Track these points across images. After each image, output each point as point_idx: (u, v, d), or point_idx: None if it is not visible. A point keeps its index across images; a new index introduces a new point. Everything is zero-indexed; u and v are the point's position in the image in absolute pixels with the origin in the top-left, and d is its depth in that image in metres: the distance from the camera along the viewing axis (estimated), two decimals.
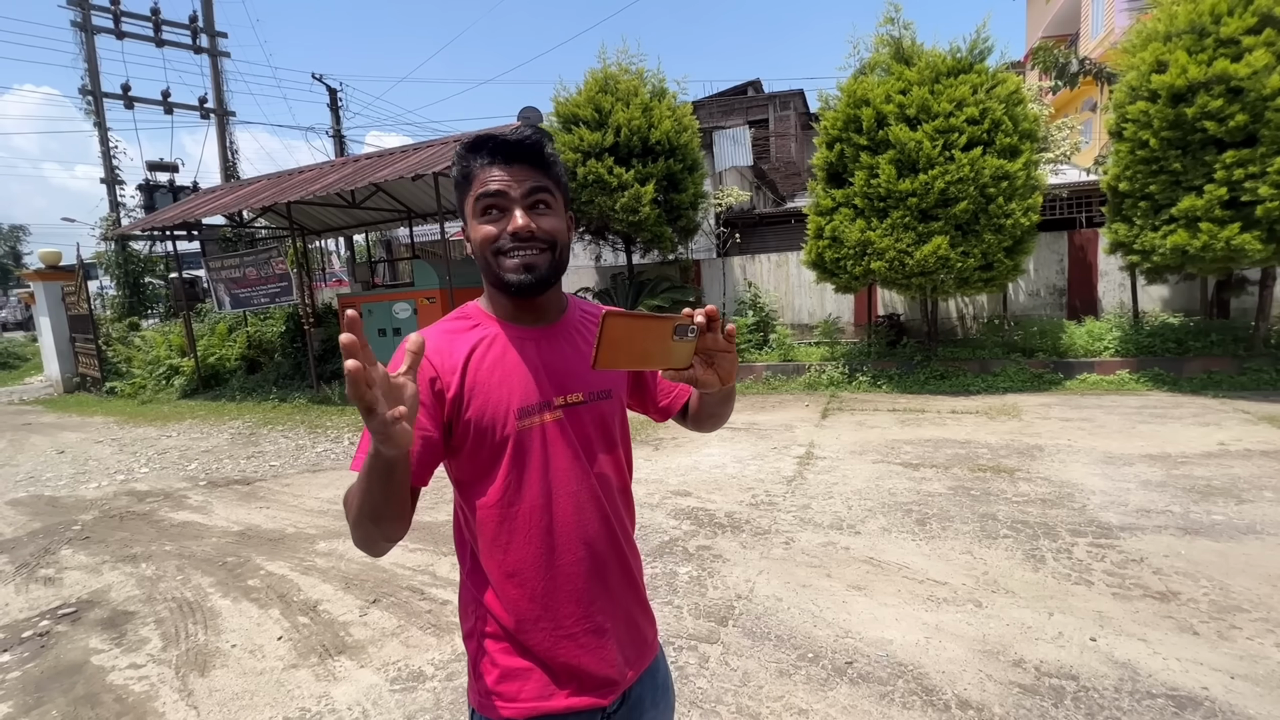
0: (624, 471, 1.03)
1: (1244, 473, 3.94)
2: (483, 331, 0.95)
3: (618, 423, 1.01)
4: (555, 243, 0.92)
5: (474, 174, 0.91)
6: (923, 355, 7.69)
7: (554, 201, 0.92)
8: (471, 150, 0.92)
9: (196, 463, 6.01)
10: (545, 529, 0.92)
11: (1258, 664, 2.15)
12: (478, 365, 0.91)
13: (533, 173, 0.90)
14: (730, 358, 0.81)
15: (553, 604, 0.92)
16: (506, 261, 0.89)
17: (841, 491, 4.07)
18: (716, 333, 0.79)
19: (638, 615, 1.02)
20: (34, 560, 3.82)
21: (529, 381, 0.92)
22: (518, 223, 0.87)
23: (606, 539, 0.96)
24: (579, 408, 0.95)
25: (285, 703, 2.28)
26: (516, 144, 0.89)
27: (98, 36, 14.54)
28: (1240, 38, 5.62)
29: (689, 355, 0.79)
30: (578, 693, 0.93)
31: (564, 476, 0.93)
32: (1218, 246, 5.69)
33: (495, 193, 0.88)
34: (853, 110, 7.07)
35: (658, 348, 0.75)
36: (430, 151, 8.32)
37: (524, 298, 0.92)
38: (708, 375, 0.81)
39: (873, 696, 2.11)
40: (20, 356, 17.22)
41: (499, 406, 0.90)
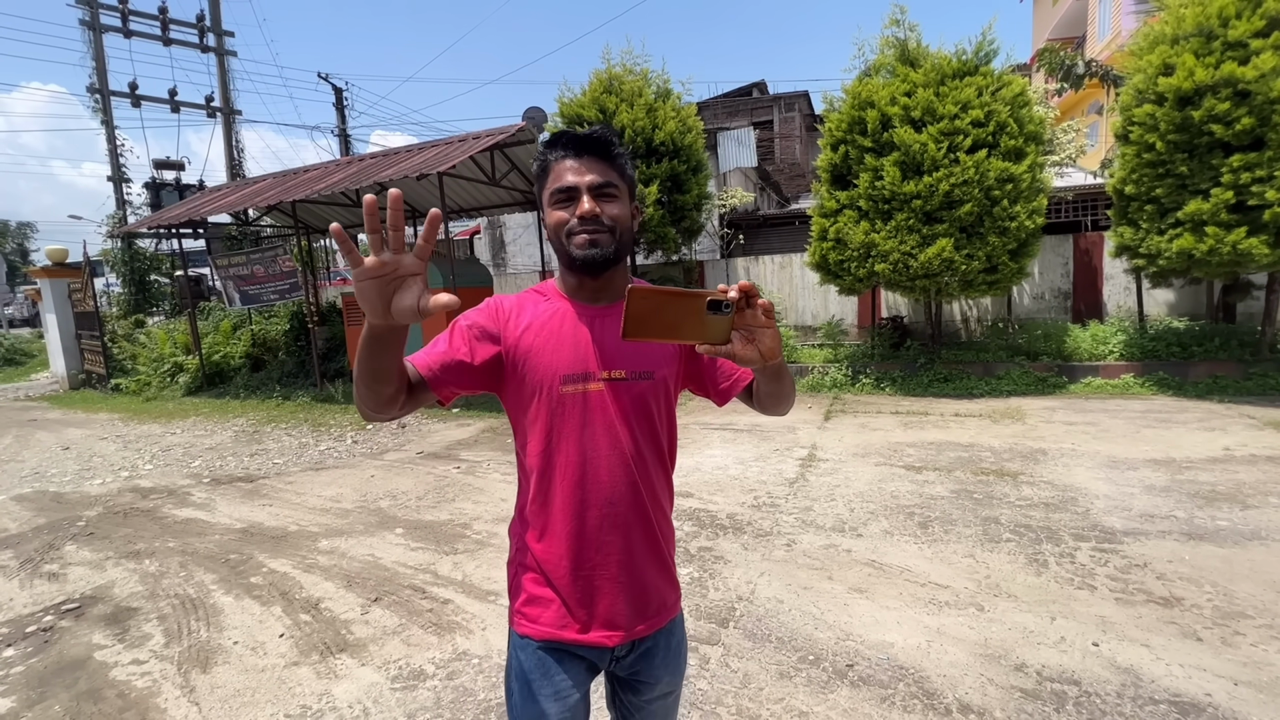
0: (660, 448, 1.10)
1: (1249, 478, 3.92)
2: (551, 304, 1.08)
3: (659, 403, 1.09)
4: (617, 227, 1.02)
5: (550, 166, 1.03)
6: (926, 358, 7.67)
7: (618, 193, 1.03)
8: (549, 145, 1.04)
9: (200, 460, 6.03)
10: (577, 483, 1.03)
11: (1261, 670, 2.14)
12: (539, 329, 1.04)
13: (600, 164, 1.01)
14: (770, 333, 0.83)
15: (578, 549, 1.04)
16: (575, 239, 1.00)
17: (844, 494, 4.06)
18: (755, 308, 0.81)
19: (658, 578, 1.10)
20: (38, 556, 3.84)
21: (578, 352, 1.03)
22: (584, 207, 0.99)
23: (633, 503, 1.05)
24: (619, 383, 1.04)
25: (286, 700, 2.29)
26: (586, 139, 1.02)
27: (106, 35, 14.62)
28: (1248, 40, 5.60)
29: (726, 330, 0.80)
30: (586, 630, 1.05)
31: (598, 441, 1.03)
32: (1224, 250, 5.67)
33: (569, 186, 1.00)
34: (858, 112, 7.06)
35: (688, 322, 0.79)
36: (435, 151, 8.33)
37: (588, 273, 1.03)
38: (748, 350, 0.83)
39: (873, 700, 2.10)
40: (27, 353, 17.31)
41: (548, 369, 1.02)
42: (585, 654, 1.07)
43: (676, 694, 1.19)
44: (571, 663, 1.07)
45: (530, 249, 12.77)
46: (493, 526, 3.85)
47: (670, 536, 1.14)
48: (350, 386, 9.25)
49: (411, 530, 3.88)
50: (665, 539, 1.12)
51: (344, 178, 8.46)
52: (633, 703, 1.16)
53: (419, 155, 8.43)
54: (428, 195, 9.97)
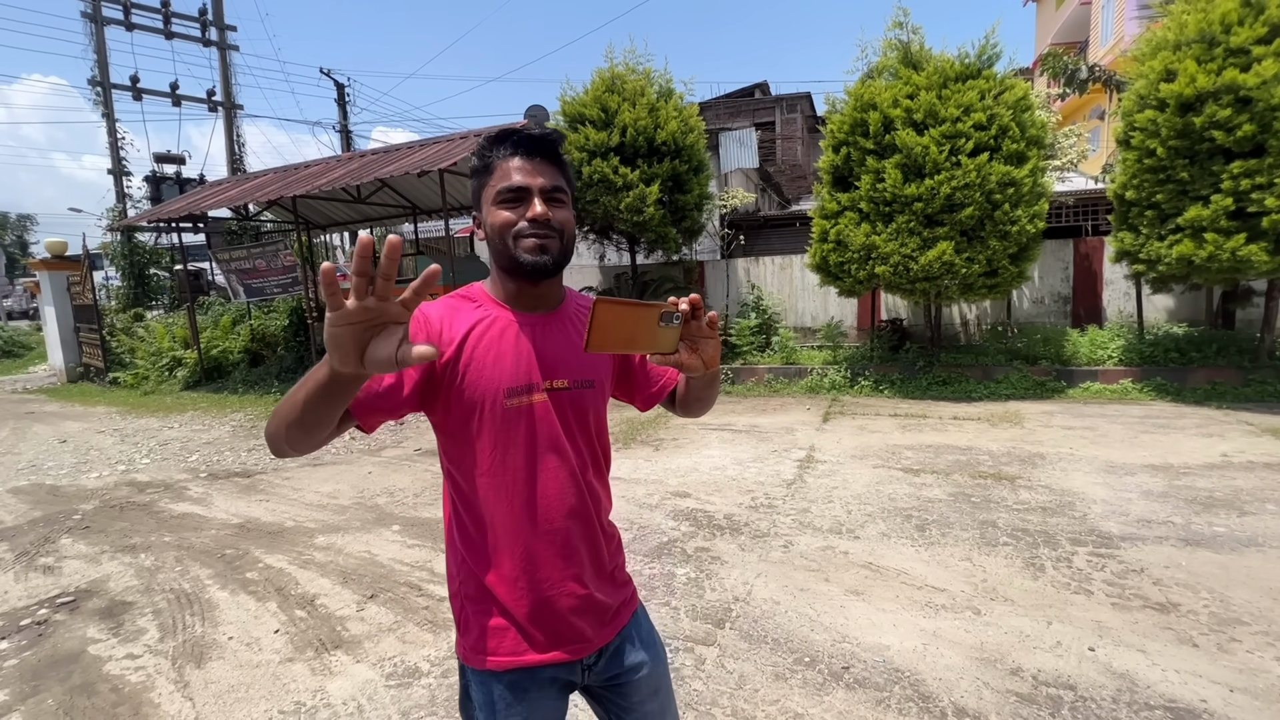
0: (598, 457, 1.09)
1: (1246, 485, 3.92)
2: (484, 312, 1.01)
3: (598, 411, 1.08)
4: (564, 233, 0.99)
5: (495, 164, 0.98)
6: (925, 361, 7.67)
7: (566, 199, 1.01)
8: (496, 141, 0.99)
9: (197, 454, 6.02)
10: (526, 500, 0.99)
11: (1257, 677, 2.14)
12: (476, 342, 0.98)
13: (551, 168, 0.99)
14: (713, 343, 0.89)
15: (530, 568, 0.99)
16: (523, 243, 0.96)
17: (841, 496, 4.06)
18: (700, 319, 0.86)
19: (609, 586, 1.09)
20: (34, 548, 3.83)
21: (520, 364, 0.99)
22: (536, 210, 0.95)
23: (581, 514, 1.03)
24: (563, 393, 1.02)
25: (281, 696, 2.28)
26: (540, 139, 0.98)
27: (107, 28, 14.60)
28: (1250, 47, 5.60)
29: (675, 340, 0.86)
30: (549, 648, 1.01)
31: (545, 454, 1.00)
32: (1223, 257, 5.67)
33: (518, 186, 0.96)
34: (860, 114, 7.06)
35: (645, 333, 0.82)
36: (436, 148, 8.32)
37: (535, 279, 0.99)
38: (692, 359, 0.88)
39: (869, 702, 2.10)
40: (25, 345, 17.28)
41: (490, 384, 0.96)
42: (554, 674, 1.02)
43: (666, 686, 1.15)
44: (541, 688, 1.01)
45: None
46: None
47: (615, 540, 1.13)
48: None
49: (408, 527, 3.88)
50: (612, 546, 1.11)
51: (345, 173, 8.44)
52: (623, 708, 1.10)
53: (421, 152, 8.42)
54: (429, 192, 9.96)
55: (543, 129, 0.99)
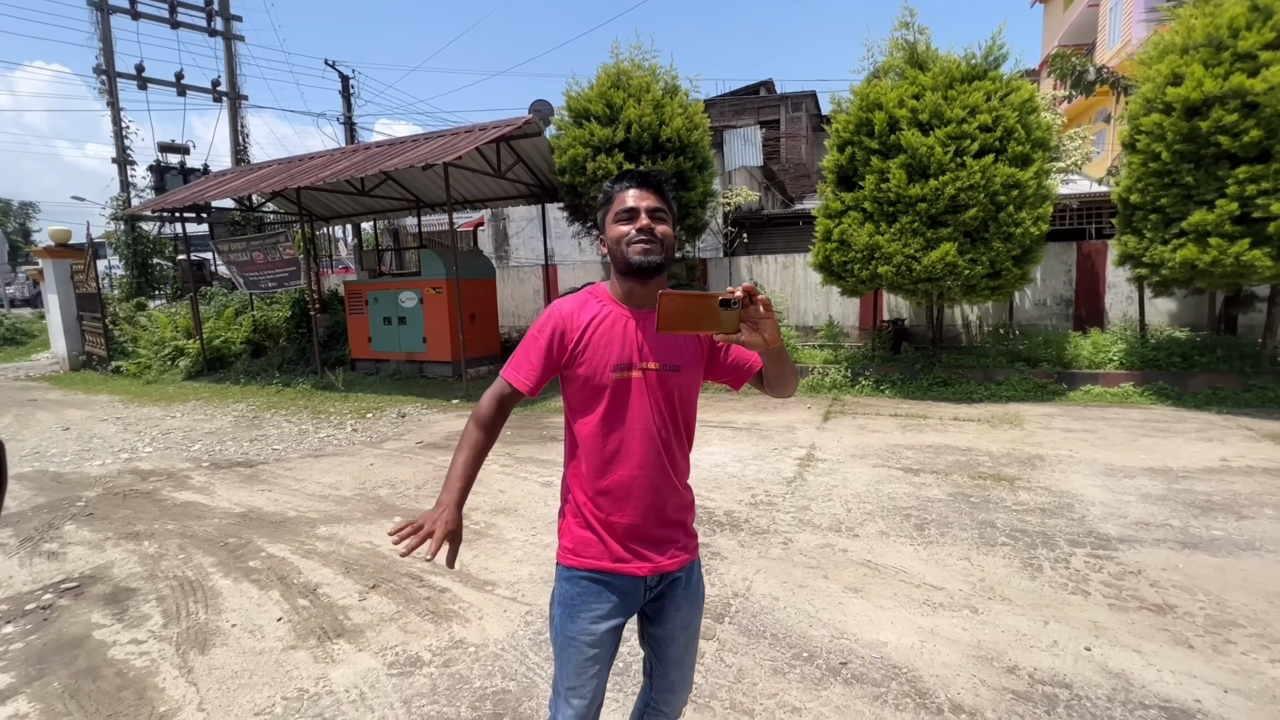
0: (680, 428, 1.35)
1: (1245, 489, 3.94)
2: (603, 307, 1.33)
3: (683, 392, 1.34)
4: (665, 241, 1.28)
5: (614, 195, 1.31)
6: (926, 361, 7.68)
7: (667, 218, 1.31)
8: (616, 181, 1.33)
9: (200, 444, 6.04)
10: (619, 448, 1.30)
11: (1251, 679, 2.16)
12: (594, 329, 1.30)
13: (655, 195, 1.30)
14: (770, 323, 1.10)
15: (617, 500, 1.30)
16: (633, 248, 1.26)
17: (841, 494, 4.08)
18: (756, 304, 1.09)
19: (680, 532, 1.38)
20: (38, 534, 3.86)
21: (625, 347, 1.29)
22: (643, 221, 1.26)
23: (659, 468, 1.32)
24: (653, 373, 1.30)
25: (283, 683, 2.31)
26: (648, 175, 1.31)
27: (113, 16, 14.58)
28: (1258, 52, 5.58)
29: (735, 322, 1.07)
30: (622, 561, 1.31)
31: (640, 418, 1.30)
32: (1227, 262, 5.67)
33: (630, 208, 1.28)
34: (865, 114, 7.04)
35: (708, 316, 1.05)
36: (441, 141, 8.32)
37: (641, 277, 1.28)
38: (754, 336, 1.11)
39: (866, 698, 2.12)
40: (28, 333, 17.30)
41: (602, 361, 1.29)
42: (622, 584, 1.31)
43: (696, 627, 1.45)
44: (609, 593, 1.31)
45: (533, 242, 12.75)
46: (490, 517, 3.87)
47: (688, 498, 1.39)
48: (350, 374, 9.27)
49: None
50: (684, 499, 1.38)
51: (349, 165, 8.44)
52: (659, 635, 1.40)
53: (425, 145, 8.41)
54: (433, 185, 9.95)
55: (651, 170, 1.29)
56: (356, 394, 8.20)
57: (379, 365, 9.53)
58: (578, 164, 8.18)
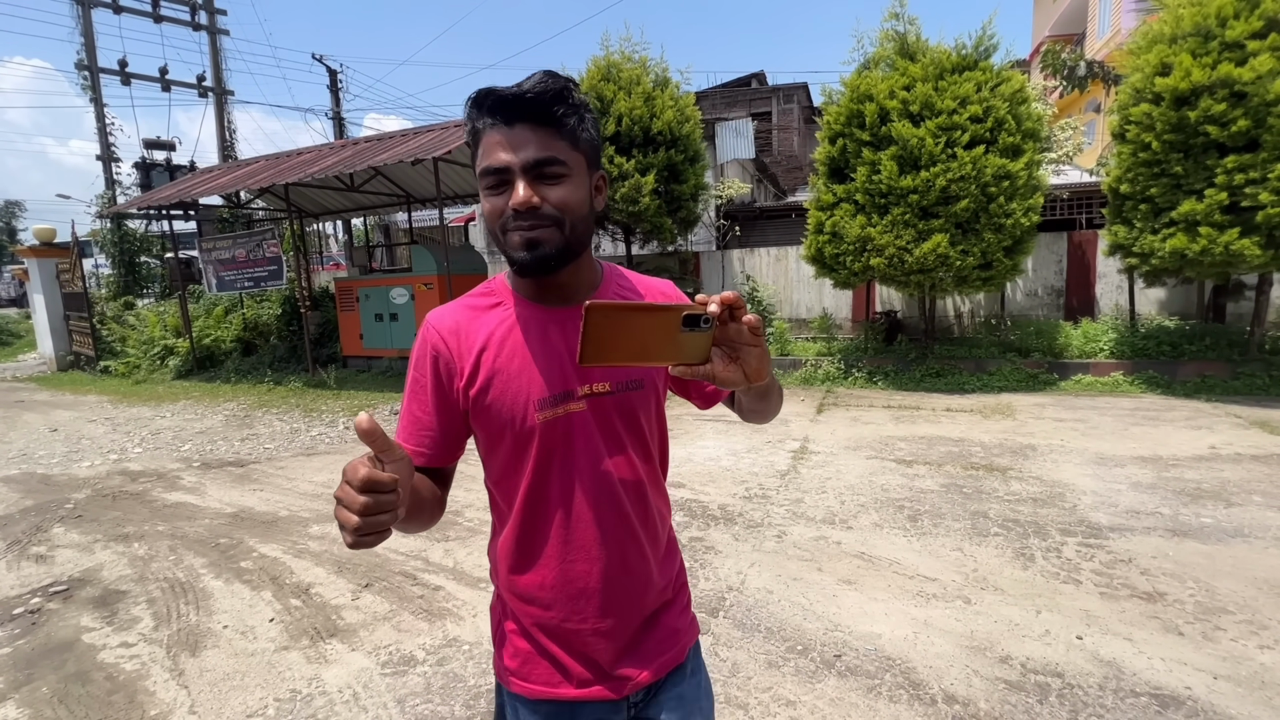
0: (654, 467, 0.96)
1: (1234, 476, 3.97)
2: (504, 312, 0.89)
3: (651, 415, 0.93)
4: (565, 217, 0.80)
5: (480, 136, 0.82)
6: (919, 353, 7.70)
7: (567, 170, 0.80)
8: (475, 108, 0.81)
9: (190, 444, 5.99)
10: (563, 525, 0.88)
11: (1240, 665, 2.18)
12: (496, 350, 0.86)
13: (539, 134, 0.78)
14: (757, 352, 0.69)
15: (566, 598, 0.89)
16: (511, 238, 0.81)
17: (835, 486, 4.09)
18: (739, 323, 0.67)
19: (664, 611, 0.96)
20: (26, 537, 3.81)
21: (550, 369, 0.85)
22: (518, 196, 0.78)
23: (627, 535, 0.90)
24: (604, 398, 0.87)
25: (276, 684, 2.29)
26: (516, 101, 0.77)
27: (94, 10, 14.34)
28: (1245, 41, 5.60)
29: (704, 348, 0.67)
30: (588, 684, 0.90)
31: (586, 473, 0.87)
32: (1216, 251, 5.70)
33: (498, 167, 0.79)
34: (856, 105, 7.03)
35: (660, 341, 0.64)
36: (430, 136, 8.25)
37: (530, 277, 0.85)
38: (729, 371, 0.68)
39: (860, 689, 2.13)
40: (14, 333, 17.10)
41: (518, 396, 0.85)
42: (595, 713, 0.91)
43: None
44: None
45: None
46: (484, 514, 3.86)
47: (673, 556, 1.00)
48: (343, 372, 9.20)
49: None
50: (667, 564, 0.98)
51: (338, 161, 8.36)
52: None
53: (414, 140, 8.34)
54: (423, 180, 9.87)
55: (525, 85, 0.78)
56: (349, 391, 8.15)
57: (371, 362, 9.47)
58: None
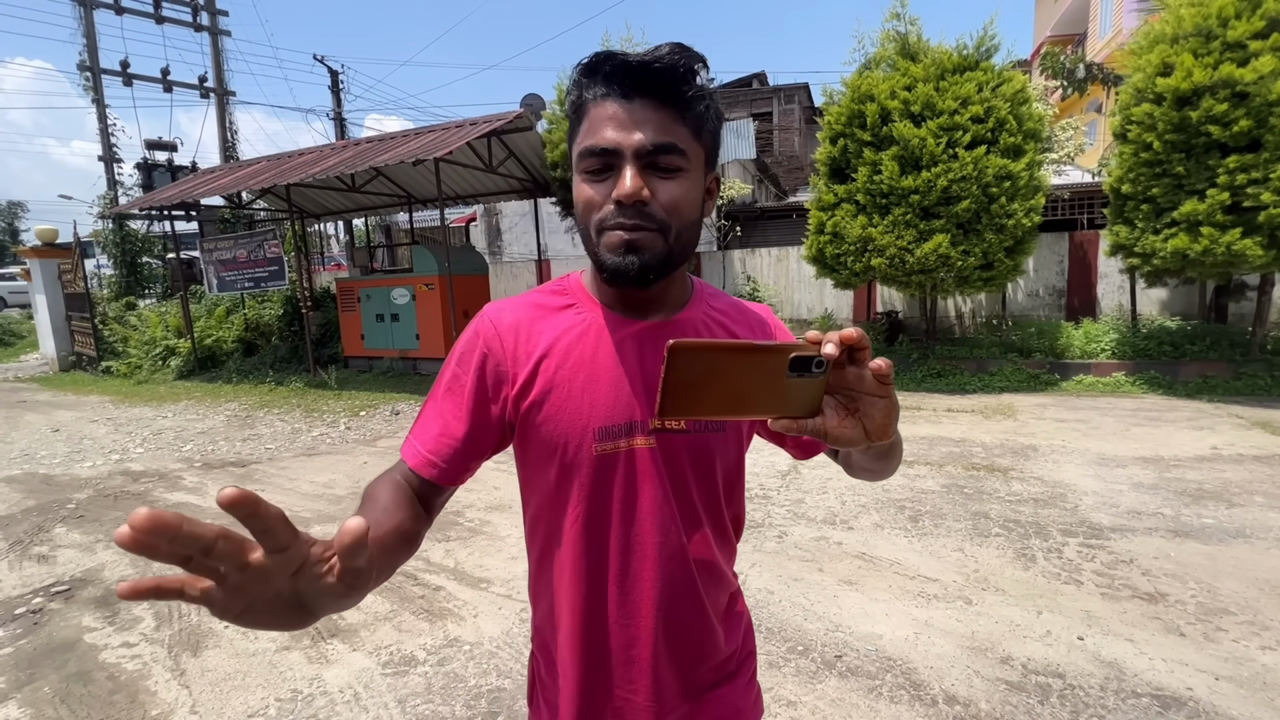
0: (724, 523, 0.80)
1: (1235, 477, 3.96)
2: (577, 316, 0.75)
3: (728, 461, 0.78)
4: (672, 223, 0.68)
5: (586, 108, 0.69)
6: (920, 353, 7.70)
7: (685, 163, 0.67)
8: (587, 74, 0.69)
9: (192, 444, 6.00)
10: (613, 581, 0.74)
11: (1242, 666, 2.17)
12: (560, 360, 0.72)
13: (662, 113, 0.66)
14: (884, 404, 0.54)
15: (613, 665, 0.76)
16: (606, 238, 0.68)
17: (835, 487, 4.09)
18: (861, 365, 0.53)
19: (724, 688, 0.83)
20: (28, 537, 3.82)
21: (619, 393, 0.72)
22: (625, 186, 0.65)
23: (686, 602, 0.76)
24: (677, 436, 0.73)
25: (277, 684, 2.29)
26: (642, 71, 0.65)
27: (96, 11, 14.37)
28: (1247, 42, 5.60)
29: (815, 398, 0.53)
30: None
31: (643, 519, 0.73)
32: (1218, 251, 5.69)
33: (606, 148, 0.66)
34: (857, 105, 7.03)
35: (760, 389, 0.51)
36: (432, 136, 8.25)
37: (620, 287, 0.72)
38: (845, 427, 0.54)
39: (861, 690, 2.13)
40: (16, 334, 17.12)
41: (576, 419, 0.71)
42: None
43: None
44: None
45: (526, 237, 12.70)
46: (485, 514, 3.86)
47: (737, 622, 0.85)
48: (344, 373, 9.21)
49: None
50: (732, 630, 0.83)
51: (339, 161, 8.37)
52: None
53: (415, 140, 8.35)
54: (424, 181, 9.88)
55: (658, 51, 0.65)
56: (350, 392, 8.16)
57: (372, 362, 9.48)
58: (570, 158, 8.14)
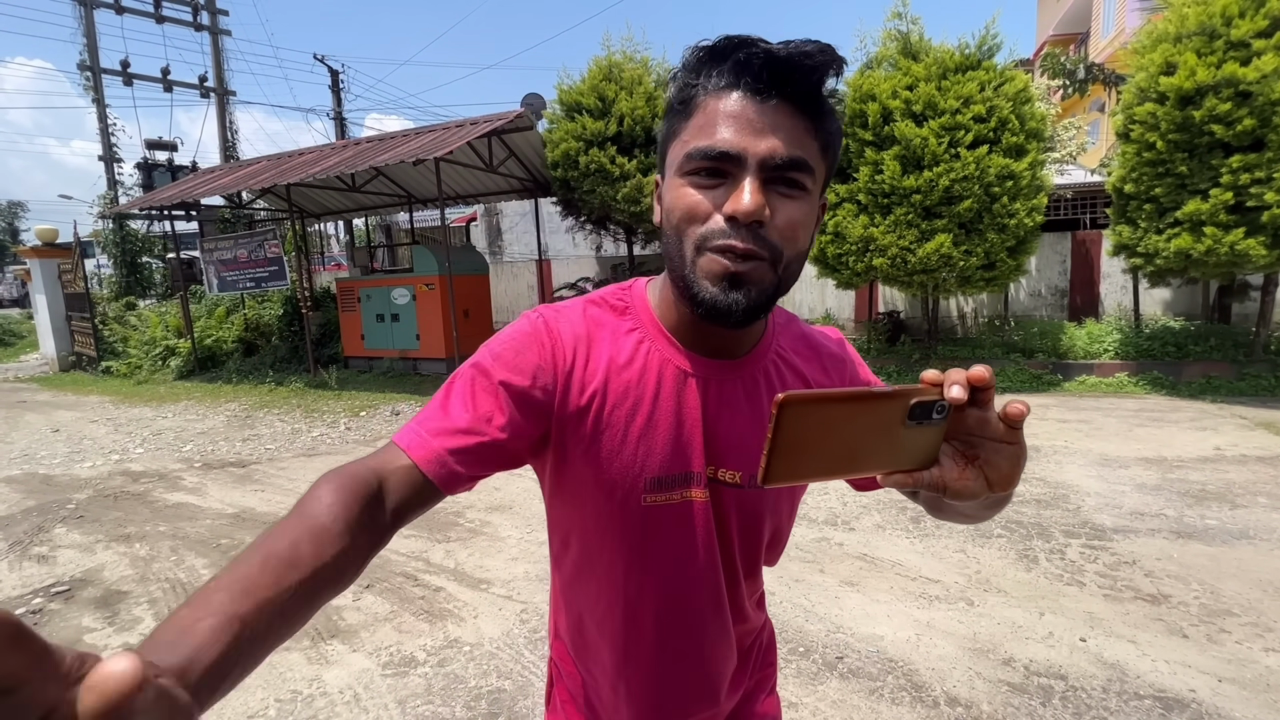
0: (758, 568, 0.75)
1: (1239, 478, 3.95)
2: (641, 345, 0.65)
3: (780, 514, 0.72)
4: (784, 252, 0.57)
5: (699, 100, 0.57)
6: (922, 353, 7.68)
7: (810, 183, 0.57)
8: (712, 59, 0.56)
9: (192, 444, 6.00)
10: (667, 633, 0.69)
11: (1245, 668, 2.16)
12: (619, 397, 0.63)
13: (795, 124, 0.55)
14: (1013, 451, 0.46)
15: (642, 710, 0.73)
16: (704, 263, 0.57)
17: (836, 487, 4.07)
18: (985, 410, 0.45)
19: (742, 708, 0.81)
20: (28, 538, 3.82)
21: (677, 442, 0.64)
22: (745, 202, 0.53)
23: (719, 645, 0.72)
24: (731, 490, 0.66)
25: (277, 685, 2.29)
26: (786, 65, 0.53)
27: (97, 11, 14.37)
28: (1250, 40, 5.58)
29: (933, 448, 0.46)
30: None
31: (688, 575, 0.67)
32: (1221, 251, 5.68)
33: (727, 152, 0.54)
34: (859, 105, 7.01)
35: (875, 441, 0.44)
36: (432, 136, 8.25)
37: (715, 325, 0.60)
38: (966, 478, 0.46)
39: (862, 692, 2.12)
40: (16, 334, 17.13)
41: (629, 467, 0.64)
42: None
43: None
44: None
45: (527, 237, 12.69)
46: (485, 515, 3.85)
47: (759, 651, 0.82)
48: (344, 373, 9.21)
49: None
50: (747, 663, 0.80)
51: (339, 161, 8.36)
52: None
53: (416, 140, 8.34)
54: (424, 180, 9.87)
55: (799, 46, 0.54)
56: (350, 392, 8.15)
57: (372, 363, 9.48)
58: (570, 158, 8.13)
